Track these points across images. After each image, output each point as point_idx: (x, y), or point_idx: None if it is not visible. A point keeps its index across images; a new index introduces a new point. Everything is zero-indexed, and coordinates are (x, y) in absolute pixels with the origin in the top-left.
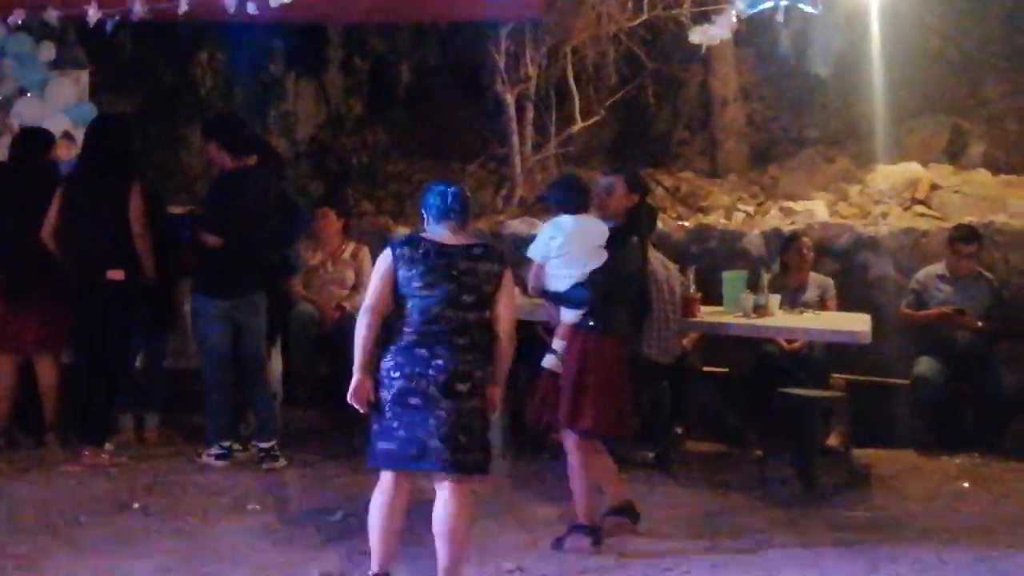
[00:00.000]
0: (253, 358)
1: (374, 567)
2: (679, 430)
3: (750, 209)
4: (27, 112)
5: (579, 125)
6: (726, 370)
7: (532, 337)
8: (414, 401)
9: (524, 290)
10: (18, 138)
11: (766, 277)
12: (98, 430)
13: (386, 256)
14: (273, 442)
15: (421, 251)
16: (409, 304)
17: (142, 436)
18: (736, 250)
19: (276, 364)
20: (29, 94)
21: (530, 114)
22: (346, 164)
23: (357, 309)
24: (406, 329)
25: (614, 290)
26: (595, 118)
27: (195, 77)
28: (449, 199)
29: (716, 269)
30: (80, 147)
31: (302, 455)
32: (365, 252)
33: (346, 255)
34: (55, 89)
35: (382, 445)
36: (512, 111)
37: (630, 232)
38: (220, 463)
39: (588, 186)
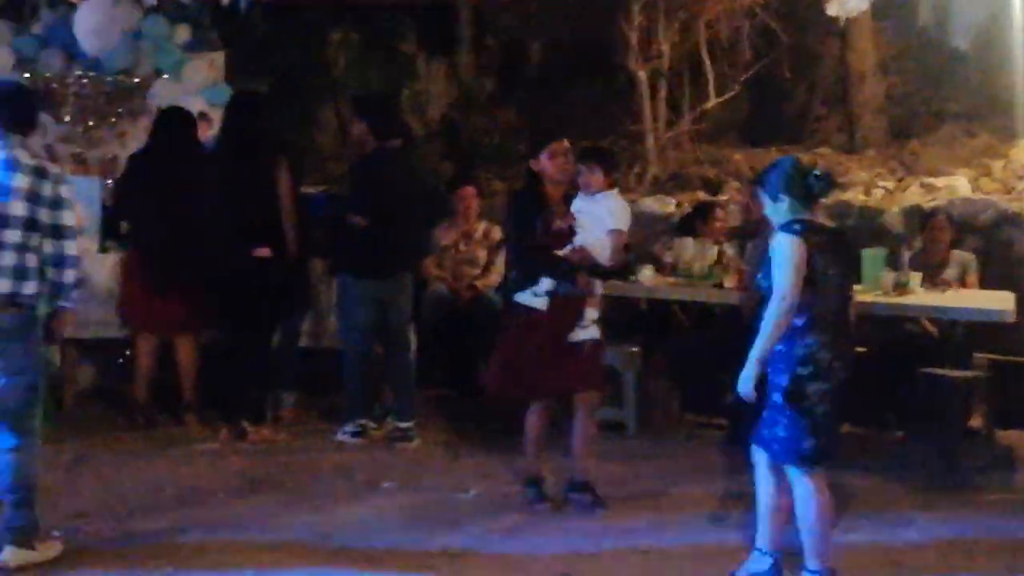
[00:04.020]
0: (399, 337)
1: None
2: None
3: (890, 185)
4: (163, 94)
5: (713, 101)
6: (865, 349)
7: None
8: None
9: None
10: (160, 118)
11: (907, 254)
12: (236, 409)
13: (796, 243)
14: (412, 423)
15: (825, 237)
16: (822, 294)
17: (278, 415)
18: (876, 227)
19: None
20: (165, 76)
21: (662, 91)
22: (477, 144)
23: (489, 288)
24: (828, 320)
25: None
26: (729, 94)
27: (327, 57)
28: (823, 184)
29: (855, 247)
30: (219, 127)
31: (435, 434)
32: (496, 232)
33: (478, 234)
34: (191, 71)
35: (815, 441)
36: (645, 87)
37: None
38: (355, 441)
39: None
